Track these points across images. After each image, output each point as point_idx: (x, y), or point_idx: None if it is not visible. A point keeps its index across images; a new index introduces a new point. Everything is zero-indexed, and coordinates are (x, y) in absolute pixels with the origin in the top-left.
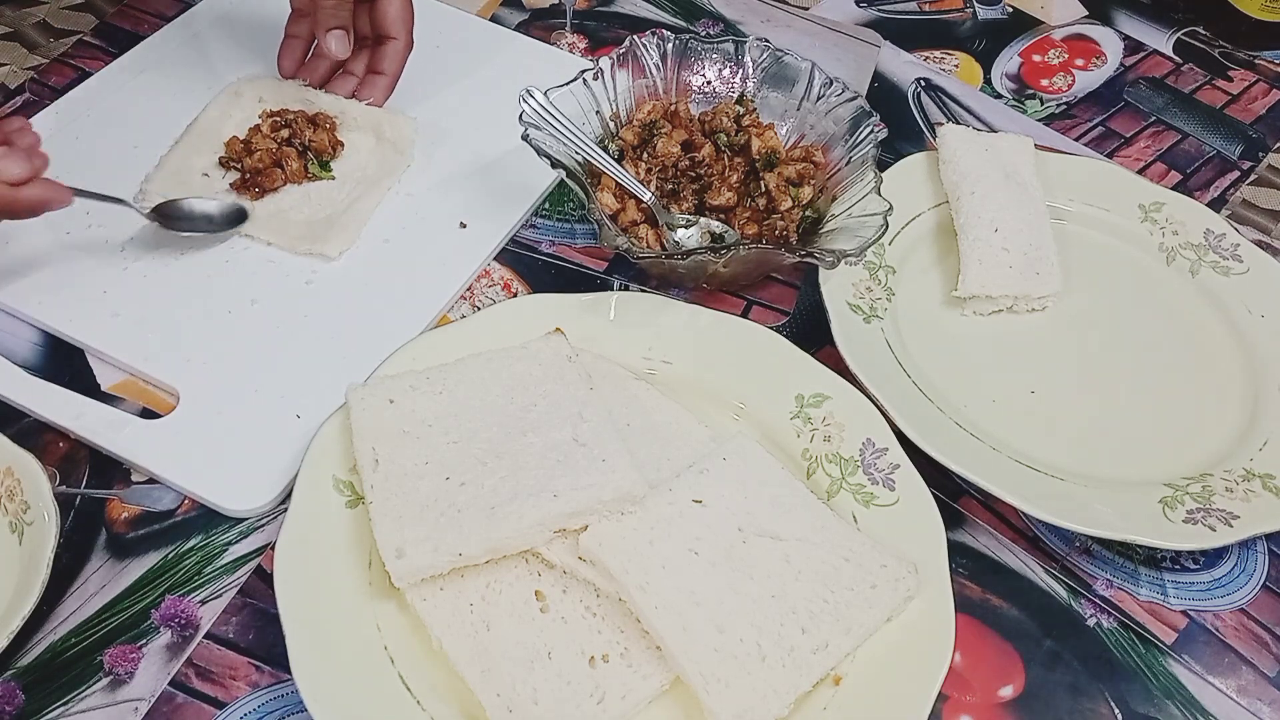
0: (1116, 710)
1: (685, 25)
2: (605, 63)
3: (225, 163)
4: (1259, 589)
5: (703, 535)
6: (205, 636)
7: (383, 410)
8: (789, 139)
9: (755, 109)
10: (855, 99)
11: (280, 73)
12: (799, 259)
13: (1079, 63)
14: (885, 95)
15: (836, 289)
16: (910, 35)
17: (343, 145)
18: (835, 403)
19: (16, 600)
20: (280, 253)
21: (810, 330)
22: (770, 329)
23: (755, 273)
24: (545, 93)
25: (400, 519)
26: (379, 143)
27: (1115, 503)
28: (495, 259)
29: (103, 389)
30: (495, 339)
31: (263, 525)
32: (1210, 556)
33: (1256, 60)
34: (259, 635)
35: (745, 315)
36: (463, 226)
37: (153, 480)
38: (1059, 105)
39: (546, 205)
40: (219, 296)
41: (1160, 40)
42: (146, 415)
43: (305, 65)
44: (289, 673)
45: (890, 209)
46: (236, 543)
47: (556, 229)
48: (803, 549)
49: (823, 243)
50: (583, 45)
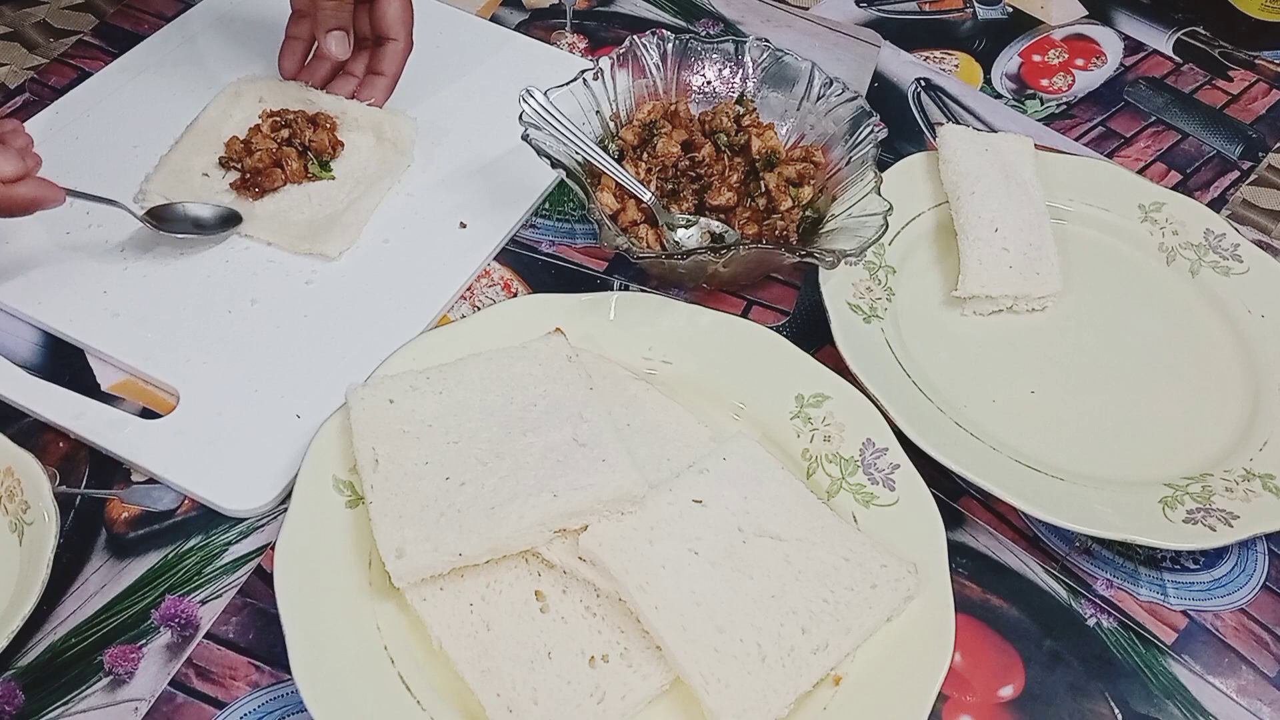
0: (1116, 710)
1: (685, 25)
2: (605, 63)
3: (225, 163)
4: (1259, 589)
5: (703, 535)
6: (205, 636)
7: (383, 410)
8: (789, 139)
9: (755, 109)
10: (855, 99)
11: (281, 74)
12: (799, 259)
13: (1079, 63)
14: (885, 95)
15: (836, 289)
16: (910, 35)
17: (343, 145)
18: (835, 403)
19: (16, 600)
20: (280, 253)
21: (810, 330)
22: (770, 329)
23: (755, 273)
24: (545, 93)
25: (400, 519)
26: (379, 143)
27: (1115, 503)
28: (495, 259)
29: (103, 389)
30: (495, 339)
31: (263, 525)
32: (1210, 556)
33: (1256, 60)
34: (259, 635)
35: (745, 315)
36: (463, 226)
37: (153, 480)
38: (1059, 105)
39: (546, 205)
40: (219, 297)
41: (1160, 40)
42: (146, 415)
43: (306, 67)
44: (289, 673)
45: (890, 209)
46: (236, 543)
47: (556, 229)
48: (803, 549)
49: (823, 243)
50: (583, 45)
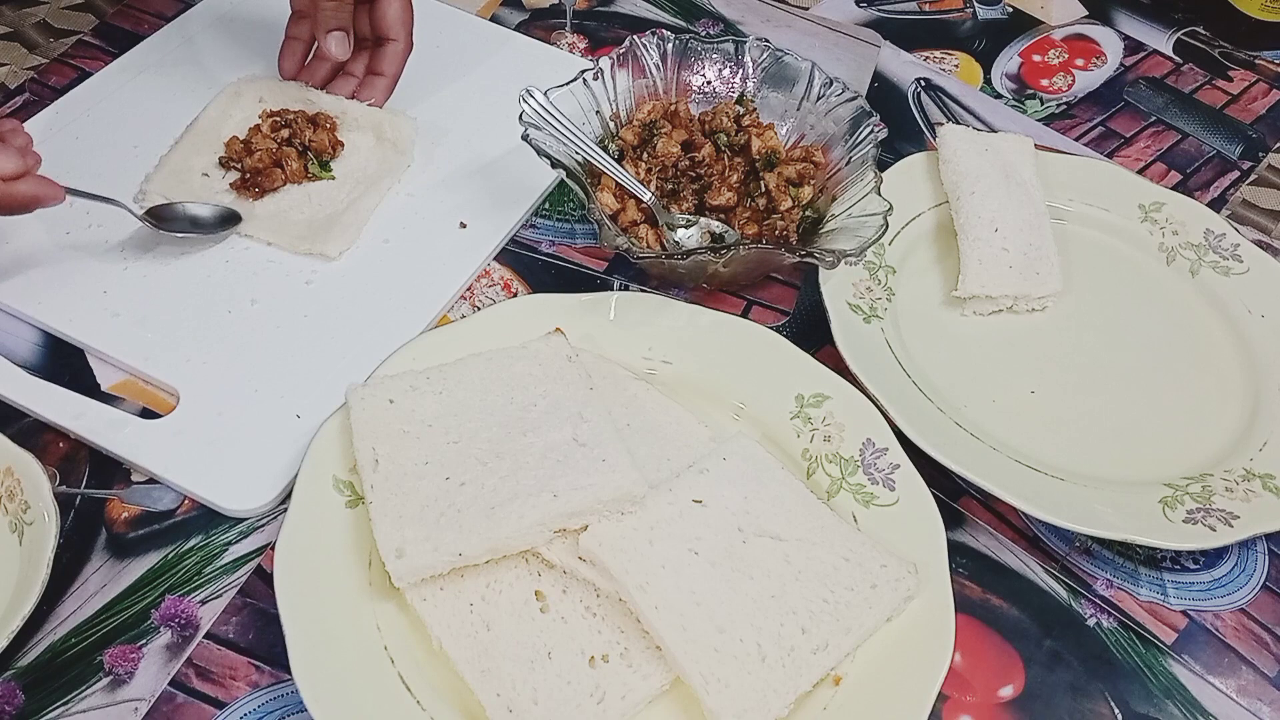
0: (1116, 710)
1: (685, 25)
2: (605, 63)
3: (225, 163)
4: (1259, 589)
5: (703, 535)
6: (205, 636)
7: (383, 410)
8: (789, 139)
9: (755, 109)
10: (855, 99)
11: (281, 74)
12: (799, 259)
13: (1079, 63)
14: (885, 95)
15: (836, 289)
16: (910, 35)
17: (343, 145)
18: (835, 403)
19: (16, 600)
20: (280, 253)
21: (810, 330)
22: (770, 329)
23: (755, 273)
24: (545, 93)
25: (400, 519)
26: (379, 143)
27: (1115, 503)
28: (495, 259)
29: (103, 389)
30: (495, 339)
31: (263, 525)
32: (1210, 556)
33: (1256, 60)
34: (259, 635)
35: (745, 315)
36: (463, 226)
37: (153, 480)
38: (1059, 105)
39: (546, 205)
40: (219, 297)
41: (1160, 40)
42: (146, 415)
43: (306, 67)
44: (289, 673)
45: (890, 209)
46: (236, 543)
47: (556, 229)
48: (803, 549)
49: (823, 243)
50: (583, 45)
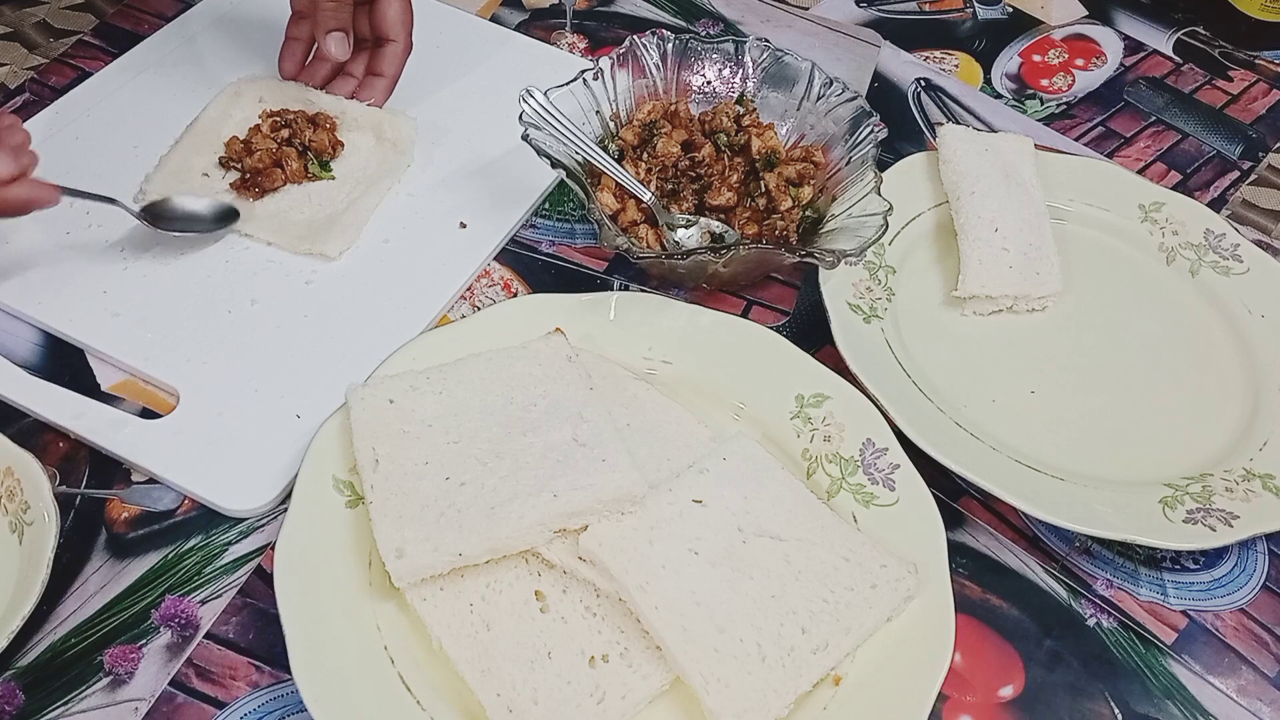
0: (1116, 710)
1: (685, 25)
2: (605, 63)
3: (225, 163)
4: (1259, 589)
5: (703, 535)
6: (205, 636)
7: (383, 410)
8: (789, 139)
9: (755, 109)
10: (855, 99)
11: (281, 75)
12: (799, 259)
13: (1079, 63)
14: (885, 95)
15: (836, 289)
16: (910, 35)
17: (343, 145)
18: (835, 403)
19: (16, 600)
20: (280, 253)
21: (810, 330)
22: (770, 329)
23: (755, 273)
24: (545, 93)
25: (400, 519)
26: (379, 142)
27: (1115, 503)
28: (495, 259)
29: (103, 389)
30: (495, 339)
31: (263, 525)
32: (1210, 556)
33: (1256, 60)
34: (259, 635)
35: (745, 315)
36: (463, 226)
37: (153, 480)
38: (1059, 105)
39: (546, 205)
40: (219, 296)
41: (1160, 40)
42: (146, 415)
43: (306, 68)
44: (289, 673)
45: (890, 209)
46: (236, 543)
47: (556, 229)
48: (803, 549)
49: (823, 243)
50: (583, 45)
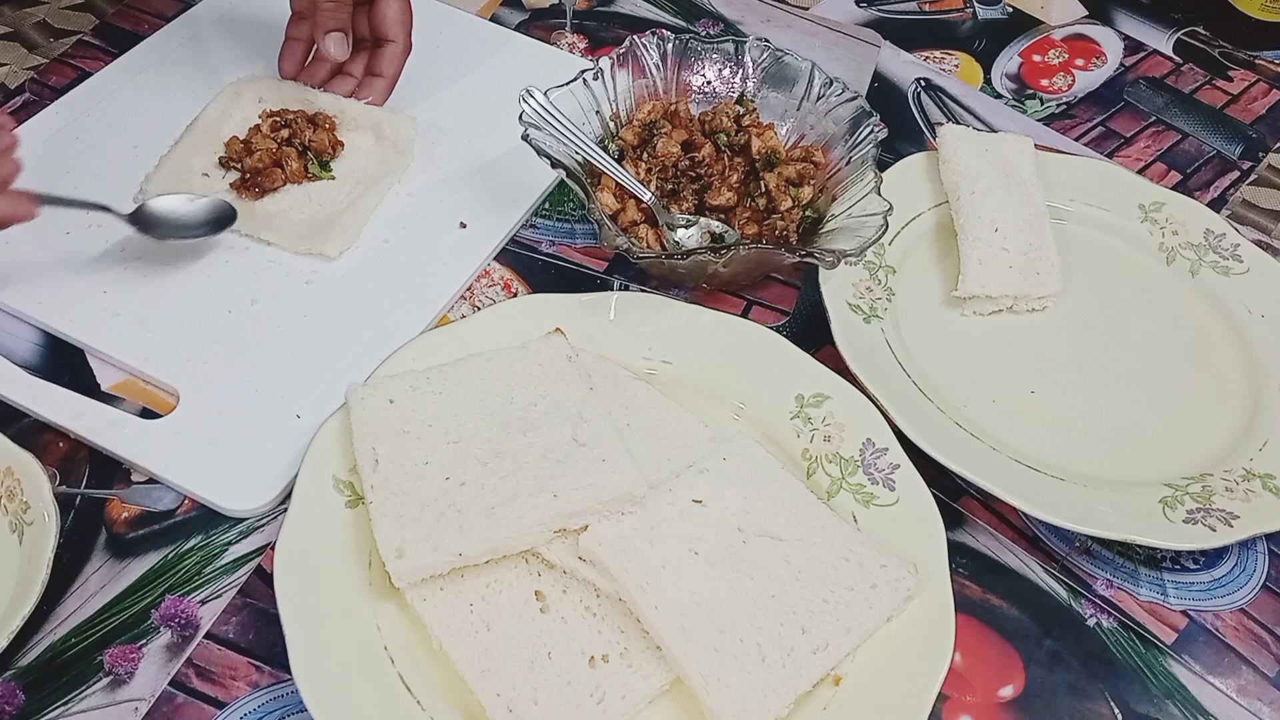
0: (1116, 710)
1: (685, 25)
2: (605, 63)
3: (225, 163)
4: (1259, 589)
5: (703, 535)
6: (205, 636)
7: (383, 410)
8: (789, 139)
9: (755, 109)
10: (855, 99)
11: (281, 75)
12: (799, 259)
13: (1079, 63)
14: (885, 95)
15: (836, 289)
16: (910, 35)
17: (343, 145)
18: (835, 403)
19: (16, 600)
20: (280, 253)
21: (810, 330)
22: (770, 329)
23: (755, 273)
24: (545, 93)
25: (400, 519)
26: (378, 142)
27: (1115, 503)
28: (495, 259)
29: (103, 389)
30: (495, 339)
31: (263, 525)
32: (1210, 556)
33: (1256, 60)
34: (259, 635)
35: (745, 315)
36: (463, 226)
37: (153, 480)
38: (1059, 105)
39: (546, 205)
40: (219, 296)
41: (1160, 40)
42: (146, 415)
43: (305, 69)
44: (289, 673)
45: (890, 209)
46: (236, 543)
47: (556, 229)
48: (803, 549)
49: (823, 243)
50: (583, 45)
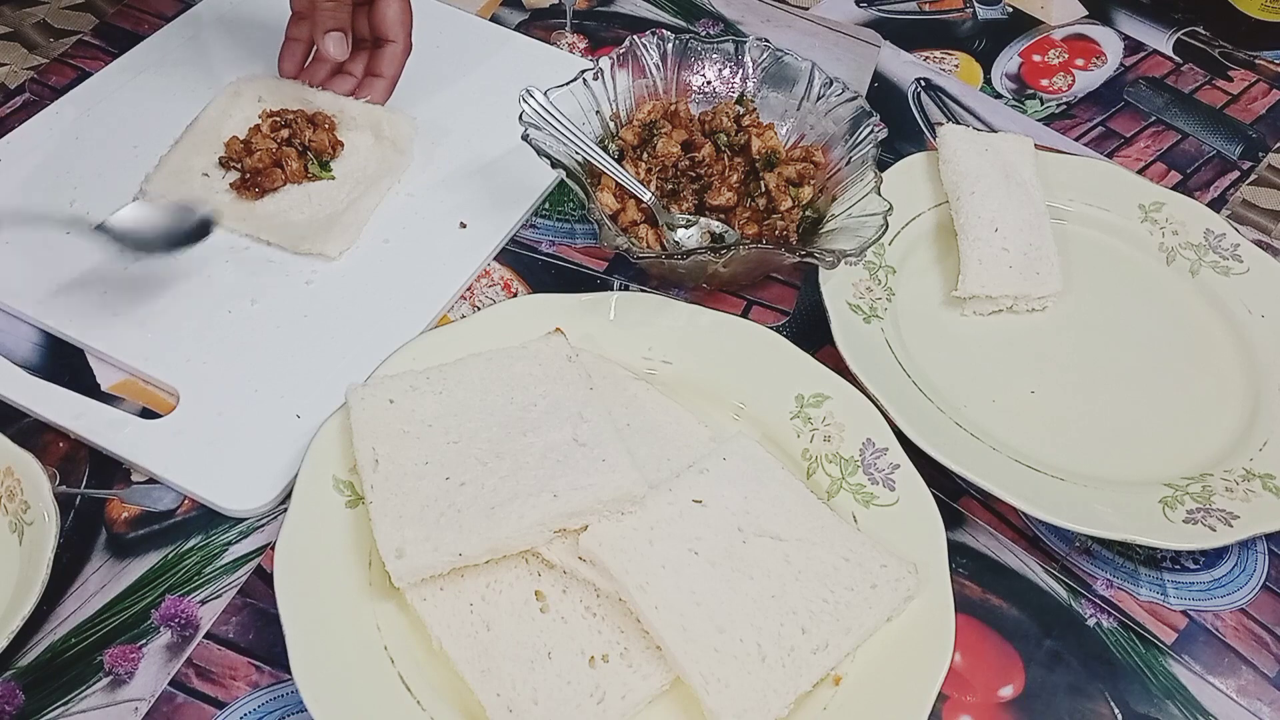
0: (1116, 710)
1: (685, 25)
2: (605, 63)
3: (225, 163)
4: (1259, 589)
5: (703, 535)
6: (205, 636)
7: (383, 410)
8: (789, 139)
9: (755, 109)
10: (855, 99)
11: (280, 76)
12: (799, 259)
13: (1079, 63)
14: (885, 95)
15: (836, 289)
16: (910, 35)
17: (342, 145)
18: (835, 403)
19: (16, 600)
20: (280, 253)
21: (810, 330)
22: (770, 329)
23: (755, 273)
24: (545, 93)
25: (400, 519)
26: (378, 141)
27: (1115, 503)
28: (495, 259)
29: (103, 389)
30: (495, 339)
31: (263, 525)
32: (1210, 556)
33: (1256, 60)
34: (259, 635)
35: (745, 315)
36: (463, 226)
37: (153, 480)
38: (1059, 105)
39: (546, 205)
40: (219, 296)
41: (1160, 40)
42: (146, 415)
43: (305, 69)
44: (289, 673)
45: (890, 209)
46: (236, 543)
47: (556, 229)
48: (803, 549)
49: (823, 243)
50: (583, 45)
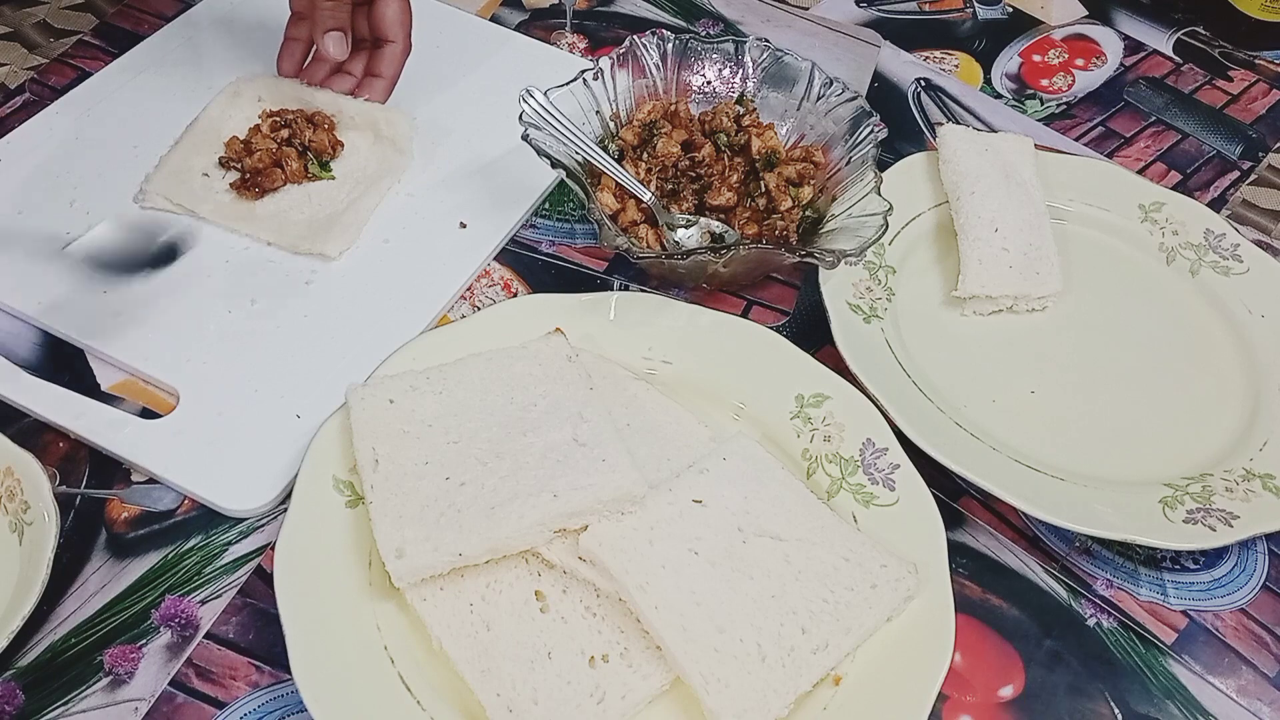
0: (1116, 710)
1: (685, 25)
2: (605, 63)
3: (225, 163)
4: (1259, 589)
5: (703, 535)
6: (205, 636)
7: (383, 410)
8: (789, 139)
9: (755, 109)
10: (855, 99)
11: (280, 75)
12: (799, 259)
13: (1079, 63)
14: (885, 95)
15: (836, 289)
16: (910, 35)
17: (342, 145)
18: (835, 403)
19: (16, 600)
20: (280, 253)
21: (810, 330)
22: (770, 329)
23: (755, 273)
24: (545, 93)
25: (400, 519)
26: (377, 140)
27: (1115, 503)
28: (495, 259)
29: (103, 389)
30: (495, 339)
31: (263, 525)
32: (1210, 556)
33: (1256, 60)
34: (259, 635)
35: (745, 315)
36: (463, 226)
37: (153, 480)
38: (1059, 105)
39: (546, 205)
40: (219, 296)
41: (1160, 40)
42: (146, 415)
43: (305, 69)
44: (289, 673)
45: (890, 209)
46: (236, 543)
47: (556, 229)
48: (803, 549)
49: (823, 243)
50: (583, 45)
